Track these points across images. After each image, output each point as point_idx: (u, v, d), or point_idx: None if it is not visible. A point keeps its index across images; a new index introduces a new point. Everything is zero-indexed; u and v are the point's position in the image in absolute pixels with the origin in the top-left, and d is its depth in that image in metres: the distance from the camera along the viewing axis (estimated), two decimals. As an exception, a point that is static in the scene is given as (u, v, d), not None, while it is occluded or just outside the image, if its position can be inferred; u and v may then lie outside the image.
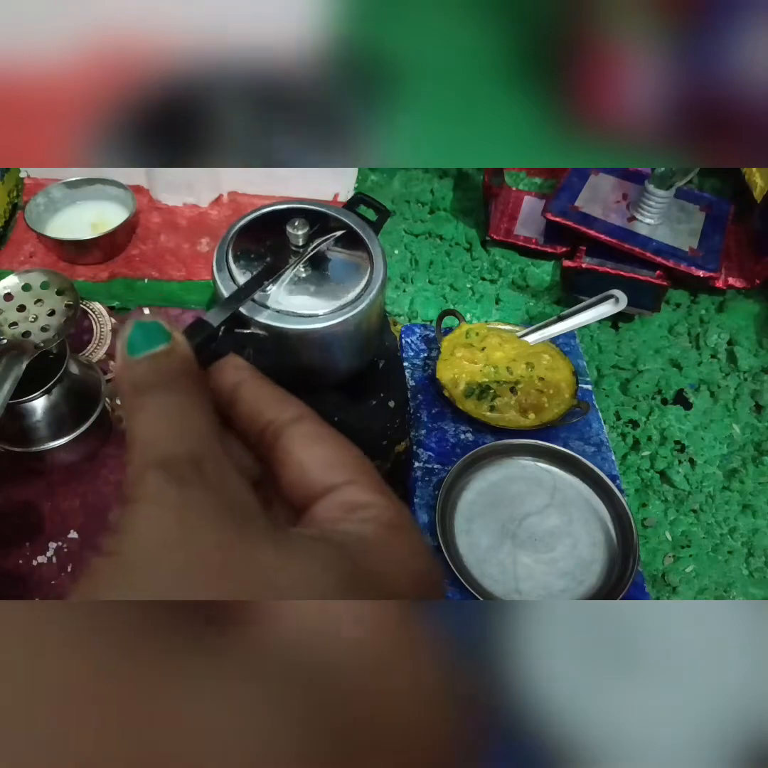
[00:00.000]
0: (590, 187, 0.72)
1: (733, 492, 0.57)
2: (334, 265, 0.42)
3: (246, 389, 0.21)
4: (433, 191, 0.80)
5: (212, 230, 0.71)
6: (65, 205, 0.68)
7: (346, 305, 0.40)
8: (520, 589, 0.45)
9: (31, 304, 0.55)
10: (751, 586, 0.52)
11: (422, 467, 0.51)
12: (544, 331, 0.58)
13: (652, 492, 0.57)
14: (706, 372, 0.65)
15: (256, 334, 0.37)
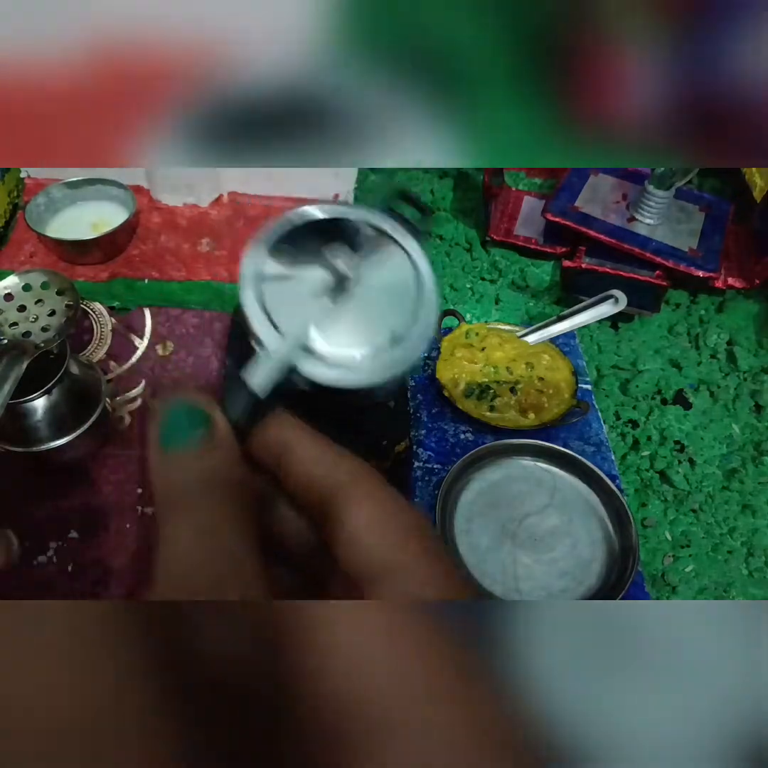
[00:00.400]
0: (590, 188, 0.72)
1: (732, 492, 0.57)
2: (378, 288, 0.37)
3: (296, 450, 0.19)
4: (432, 191, 0.80)
5: (212, 230, 0.71)
6: (66, 205, 0.68)
7: (398, 341, 0.35)
8: (520, 589, 0.45)
9: (32, 304, 0.55)
10: (751, 586, 0.52)
11: (422, 467, 0.51)
12: (543, 331, 0.58)
13: (652, 492, 0.57)
14: (705, 372, 0.65)
15: (298, 386, 0.30)
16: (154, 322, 0.66)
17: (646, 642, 0.19)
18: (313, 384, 0.29)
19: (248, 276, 0.33)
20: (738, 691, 0.18)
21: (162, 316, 0.66)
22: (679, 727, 0.18)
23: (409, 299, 0.34)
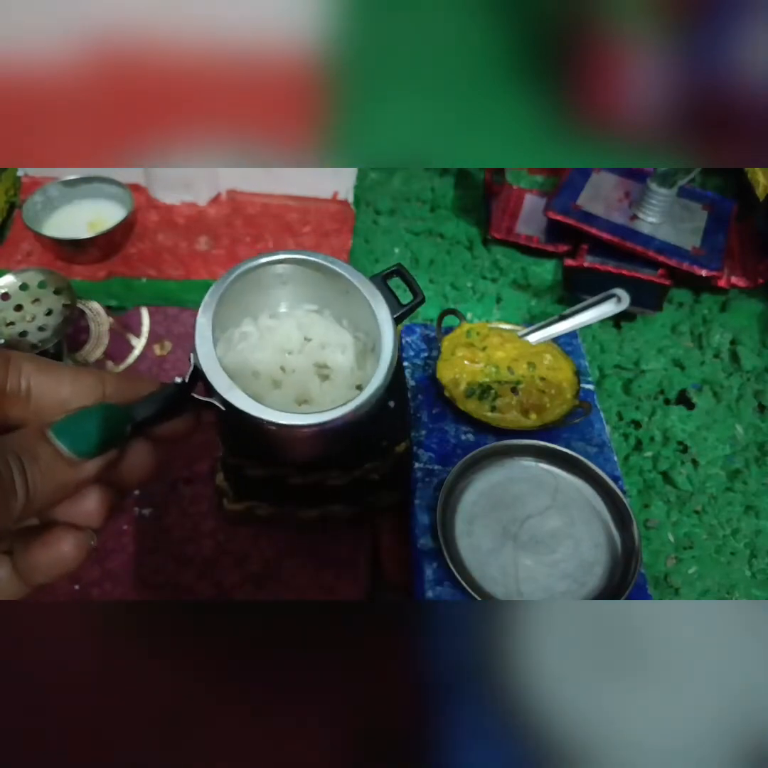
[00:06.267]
0: (592, 186, 0.71)
1: (736, 493, 0.56)
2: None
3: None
4: (433, 189, 0.80)
5: (210, 229, 0.71)
6: (63, 203, 0.68)
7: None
8: (521, 591, 0.44)
9: (29, 303, 0.55)
10: (754, 588, 0.52)
11: (423, 468, 0.50)
12: (545, 330, 0.57)
13: (655, 493, 0.56)
14: (709, 372, 0.65)
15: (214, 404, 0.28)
16: (151, 321, 0.65)
17: (648, 642, 0.19)
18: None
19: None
20: (742, 691, 0.18)
21: (159, 315, 0.66)
22: (682, 726, 0.17)
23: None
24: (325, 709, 0.18)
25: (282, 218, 0.73)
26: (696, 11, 0.32)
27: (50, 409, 0.22)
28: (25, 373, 0.22)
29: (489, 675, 0.17)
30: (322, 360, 0.36)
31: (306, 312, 0.36)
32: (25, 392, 0.22)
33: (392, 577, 0.51)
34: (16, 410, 0.22)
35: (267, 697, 0.18)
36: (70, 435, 0.20)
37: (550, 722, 0.17)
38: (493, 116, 0.34)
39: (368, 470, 0.48)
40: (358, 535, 0.53)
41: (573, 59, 0.34)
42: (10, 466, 0.19)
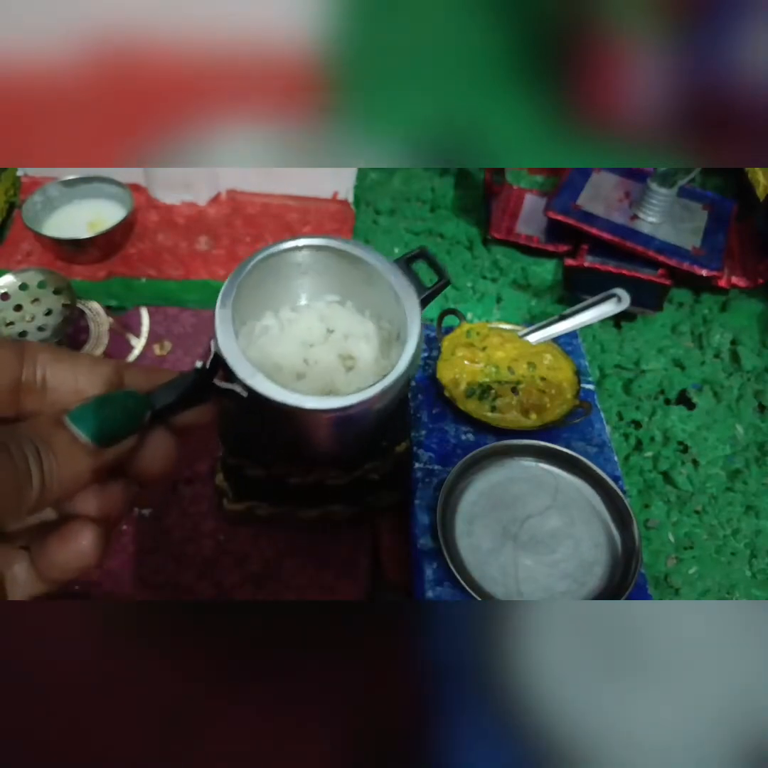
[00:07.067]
0: (592, 185, 0.71)
1: (736, 493, 0.56)
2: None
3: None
4: (433, 189, 0.80)
5: (210, 229, 0.71)
6: (62, 203, 0.68)
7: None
8: (521, 591, 0.44)
9: (28, 303, 0.55)
10: (754, 588, 0.52)
11: (423, 468, 0.50)
12: (545, 330, 0.57)
13: (655, 493, 0.56)
14: (709, 372, 0.65)
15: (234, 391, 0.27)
16: (151, 321, 0.65)
17: (648, 642, 0.18)
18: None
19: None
20: (742, 691, 0.18)
21: (159, 315, 0.66)
22: (682, 726, 0.17)
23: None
24: (325, 709, 0.18)
25: (282, 218, 0.73)
26: (696, 11, 0.32)
27: (66, 398, 0.21)
28: (41, 362, 0.21)
29: (489, 675, 0.17)
30: (346, 351, 0.35)
31: (327, 303, 0.36)
32: (41, 382, 0.21)
33: (392, 577, 0.51)
34: (31, 401, 0.21)
35: (267, 697, 0.18)
36: (88, 421, 0.20)
37: (550, 722, 0.17)
38: (493, 116, 0.34)
39: (368, 470, 0.48)
40: (358, 535, 0.53)
41: (573, 59, 0.33)
42: (25, 454, 0.18)
